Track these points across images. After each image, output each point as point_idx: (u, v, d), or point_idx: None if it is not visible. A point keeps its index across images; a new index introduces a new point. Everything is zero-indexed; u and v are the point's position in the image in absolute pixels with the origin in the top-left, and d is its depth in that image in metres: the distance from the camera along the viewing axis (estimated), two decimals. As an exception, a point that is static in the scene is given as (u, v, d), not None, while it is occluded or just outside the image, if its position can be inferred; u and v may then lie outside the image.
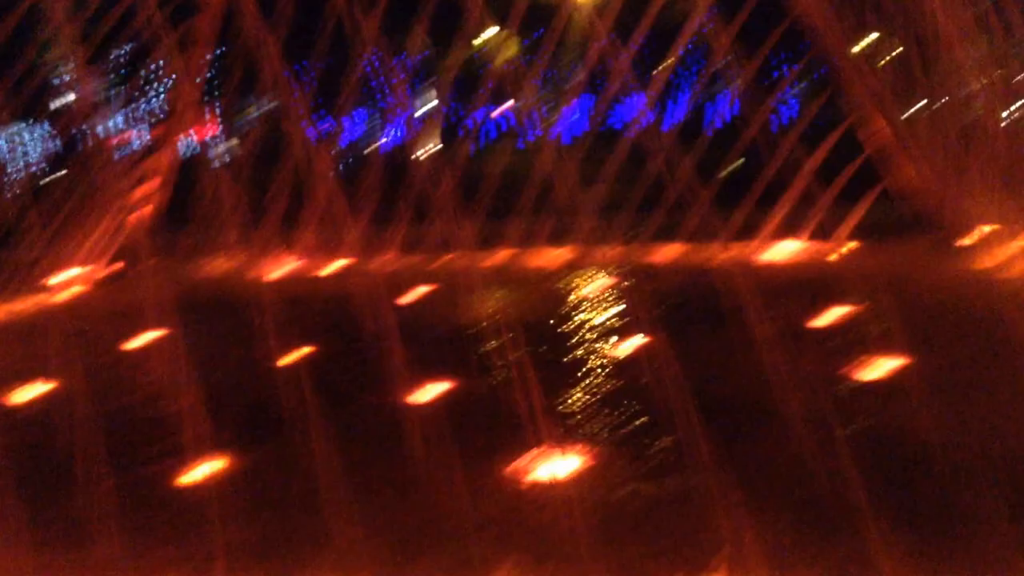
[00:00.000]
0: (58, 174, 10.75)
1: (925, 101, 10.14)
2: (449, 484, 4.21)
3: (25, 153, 20.76)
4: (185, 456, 5.16)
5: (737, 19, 9.62)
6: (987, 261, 8.95)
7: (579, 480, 4.75)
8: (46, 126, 20.40)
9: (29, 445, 4.27)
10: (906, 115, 10.15)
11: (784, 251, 9.89)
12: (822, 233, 9.85)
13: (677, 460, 4.73)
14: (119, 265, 10.25)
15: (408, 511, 4.48)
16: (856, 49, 10.16)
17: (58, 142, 12.15)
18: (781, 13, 9.82)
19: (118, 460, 4.77)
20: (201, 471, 5.07)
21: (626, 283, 9.17)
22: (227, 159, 21.66)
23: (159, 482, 4.99)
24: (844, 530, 3.81)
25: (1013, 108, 10.10)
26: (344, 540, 3.93)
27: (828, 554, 3.75)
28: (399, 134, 22.92)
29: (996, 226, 9.51)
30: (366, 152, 20.12)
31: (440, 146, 24.05)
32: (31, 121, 20.15)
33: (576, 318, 8.12)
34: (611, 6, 10.41)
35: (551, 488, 4.70)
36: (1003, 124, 9.54)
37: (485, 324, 8.05)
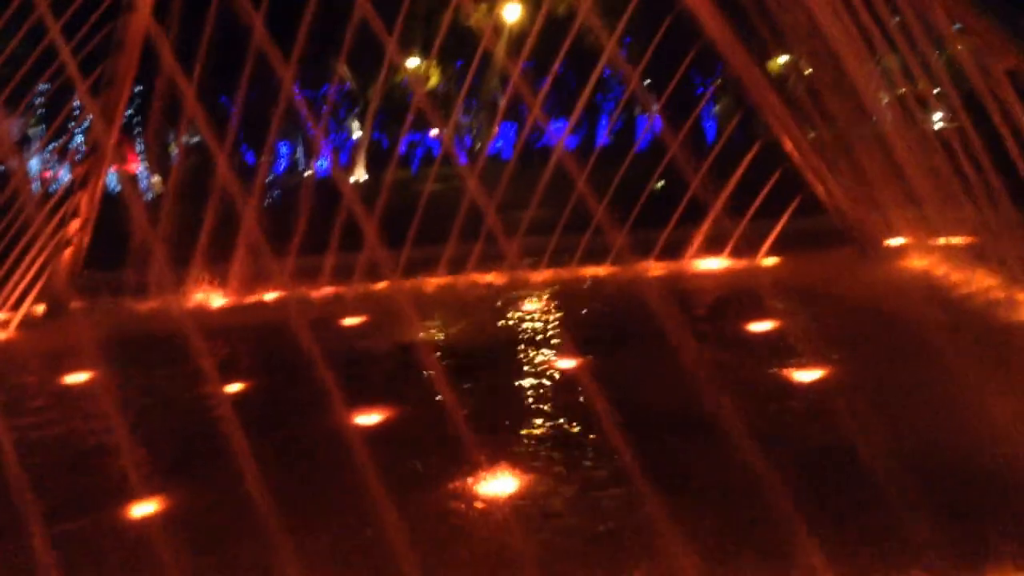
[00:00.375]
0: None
1: (833, 119, 10.52)
2: (392, 507, 4.22)
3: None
4: (124, 496, 5.12)
5: (652, 42, 9.88)
6: (903, 269, 9.35)
7: (520, 499, 4.84)
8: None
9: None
10: (814, 134, 10.54)
11: (709, 267, 10.19)
12: (744, 249, 10.17)
13: (614, 475, 4.85)
14: (42, 308, 10.05)
15: (350, 536, 4.53)
16: (766, 69, 10.51)
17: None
18: (694, 35, 10.14)
19: (56, 503, 4.67)
20: (143, 509, 5.04)
21: (558, 304, 9.32)
22: (150, 195, 21.41)
23: (103, 524, 4.94)
24: (777, 537, 3.93)
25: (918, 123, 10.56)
26: (292, 569, 3.94)
27: (761, 563, 3.89)
28: (325, 165, 22.91)
29: (907, 237, 9.95)
30: (292, 183, 20.03)
31: (366, 176, 24.14)
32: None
33: (511, 340, 8.22)
34: (529, 32, 10.62)
35: (492, 508, 4.78)
36: (906, 139, 9.96)
37: (421, 350, 8.10)
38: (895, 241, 10.08)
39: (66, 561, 4.00)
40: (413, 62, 25.33)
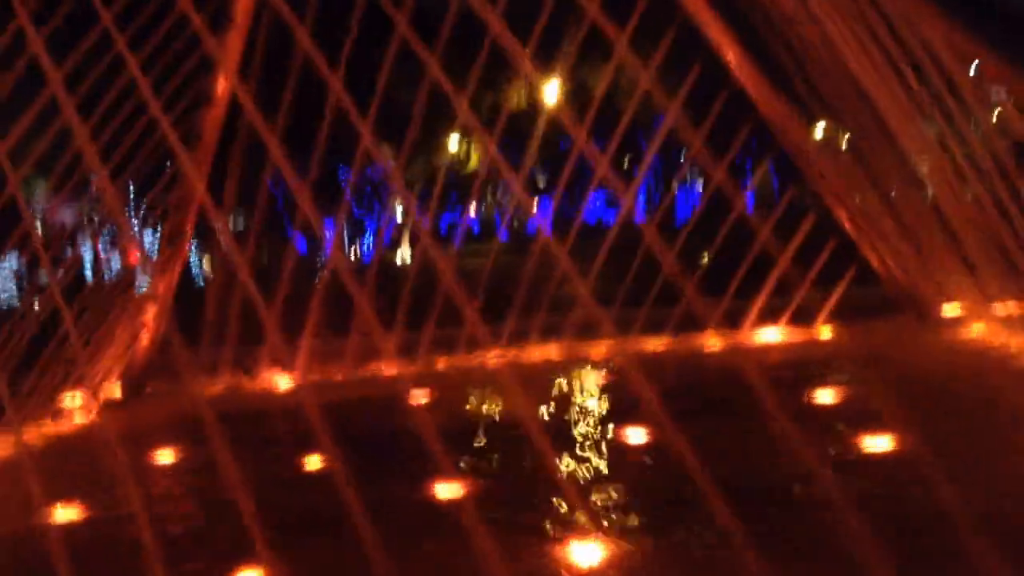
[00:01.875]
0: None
1: (881, 185, 10.78)
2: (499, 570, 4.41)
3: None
4: (230, 565, 5.38)
5: (707, 117, 10.17)
6: (962, 335, 9.51)
7: (613, 568, 5.04)
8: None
9: (73, 560, 4.41)
10: (861, 200, 10.80)
11: (770, 336, 10.42)
12: (802, 317, 10.40)
13: (700, 543, 5.04)
14: (123, 389, 10.42)
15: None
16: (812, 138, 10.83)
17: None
18: (741, 105, 10.51)
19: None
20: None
21: (623, 375, 9.55)
22: (202, 278, 21.99)
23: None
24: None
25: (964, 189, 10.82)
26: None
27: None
28: (371, 244, 23.44)
29: (963, 305, 10.12)
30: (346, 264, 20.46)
31: (410, 253, 24.64)
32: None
33: (579, 413, 8.47)
34: (573, 106, 11.03)
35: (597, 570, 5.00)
36: (956, 205, 10.19)
37: (491, 424, 8.40)
38: (951, 308, 10.24)
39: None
40: (453, 142, 25.96)
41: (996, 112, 9.12)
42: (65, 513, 6.79)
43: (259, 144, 10.03)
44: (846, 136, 11.62)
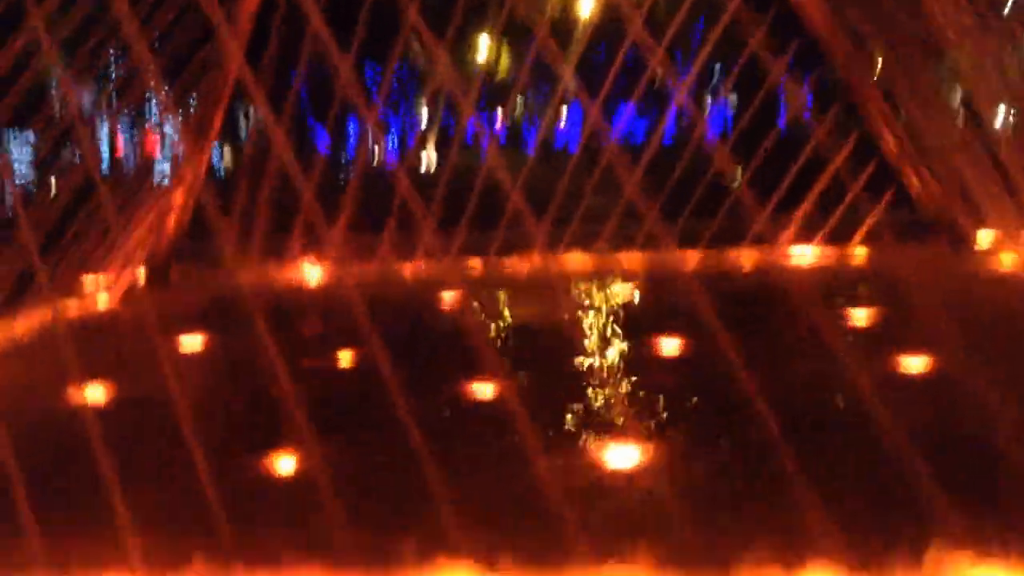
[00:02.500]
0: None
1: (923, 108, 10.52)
2: (530, 469, 4.40)
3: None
4: (262, 451, 5.43)
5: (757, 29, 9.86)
6: (996, 263, 9.39)
7: (651, 470, 5.04)
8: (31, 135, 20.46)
9: (107, 442, 4.41)
10: (907, 121, 10.56)
11: (804, 254, 10.32)
12: (837, 238, 10.29)
13: (743, 454, 5.02)
14: (147, 276, 10.41)
15: (493, 493, 4.80)
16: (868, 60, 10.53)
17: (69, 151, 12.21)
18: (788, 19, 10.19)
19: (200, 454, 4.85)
20: (284, 464, 5.34)
21: (653, 289, 9.49)
22: (223, 169, 21.88)
23: (247, 474, 5.25)
24: (912, 514, 4.05)
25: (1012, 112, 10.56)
26: (446, 520, 4.13)
27: (899, 535, 4.02)
28: (395, 145, 23.23)
29: (1000, 231, 9.97)
30: (373, 163, 20.27)
31: (435, 157, 24.42)
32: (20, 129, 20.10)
33: (613, 322, 8.44)
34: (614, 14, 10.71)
35: (628, 477, 5.00)
36: (1002, 129, 9.96)
37: (522, 328, 8.39)
38: (986, 236, 10.10)
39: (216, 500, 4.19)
40: (483, 47, 25.57)
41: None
42: (92, 394, 6.81)
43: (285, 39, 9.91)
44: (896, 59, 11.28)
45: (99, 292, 9.97)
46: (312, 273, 10.51)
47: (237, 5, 9.34)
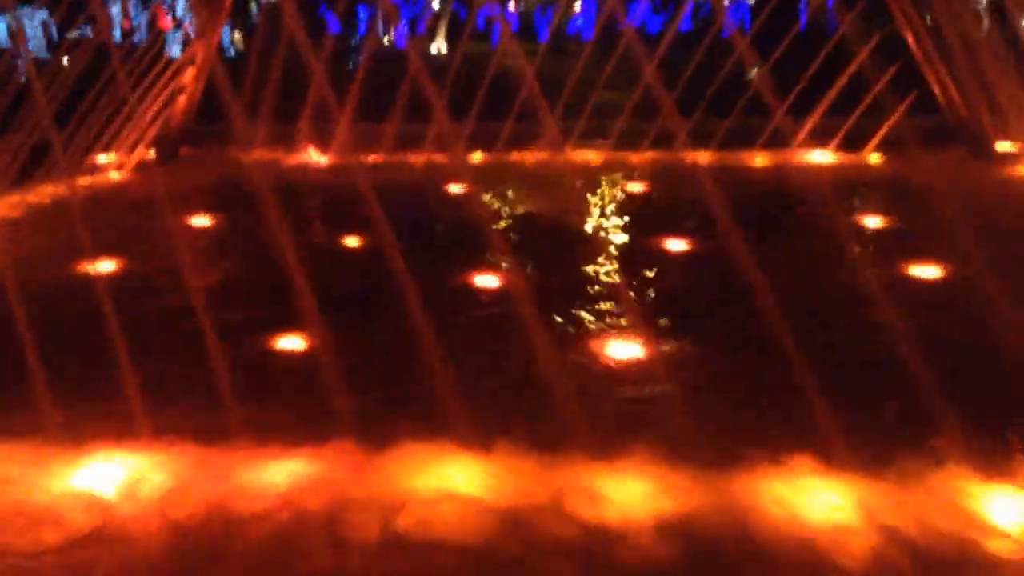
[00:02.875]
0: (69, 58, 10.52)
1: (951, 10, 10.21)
2: (537, 357, 4.41)
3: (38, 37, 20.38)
4: (271, 330, 5.47)
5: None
6: (1017, 172, 9.28)
7: (658, 362, 5.07)
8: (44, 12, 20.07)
9: (116, 312, 4.42)
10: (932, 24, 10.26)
11: (817, 158, 10.17)
12: (855, 141, 10.13)
13: (751, 349, 5.00)
14: (157, 153, 10.33)
15: (500, 381, 4.89)
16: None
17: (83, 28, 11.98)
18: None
19: (208, 329, 4.85)
20: (292, 343, 5.39)
21: (662, 187, 9.40)
22: (232, 52, 21.47)
23: (256, 350, 5.32)
24: (916, 420, 4.07)
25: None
26: (442, 404, 4.18)
27: (903, 442, 4.05)
28: (402, 32, 22.73)
29: (1021, 142, 9.82)
30: (380, 50, 19.88)
31: (444, 45, 23.93)
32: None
33: (618, 217, 8.39)
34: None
35: (635, 367, 5.05)
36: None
37: (529, 220, 8.35)
38: (1008, 144, 9.95)
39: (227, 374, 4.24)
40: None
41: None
42: (102, 266, 6.84)
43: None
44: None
45: (110, 167, 9.93)
46: (319, 158, 10.41)
47: None
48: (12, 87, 8.78)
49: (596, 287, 6.40)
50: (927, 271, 6.58)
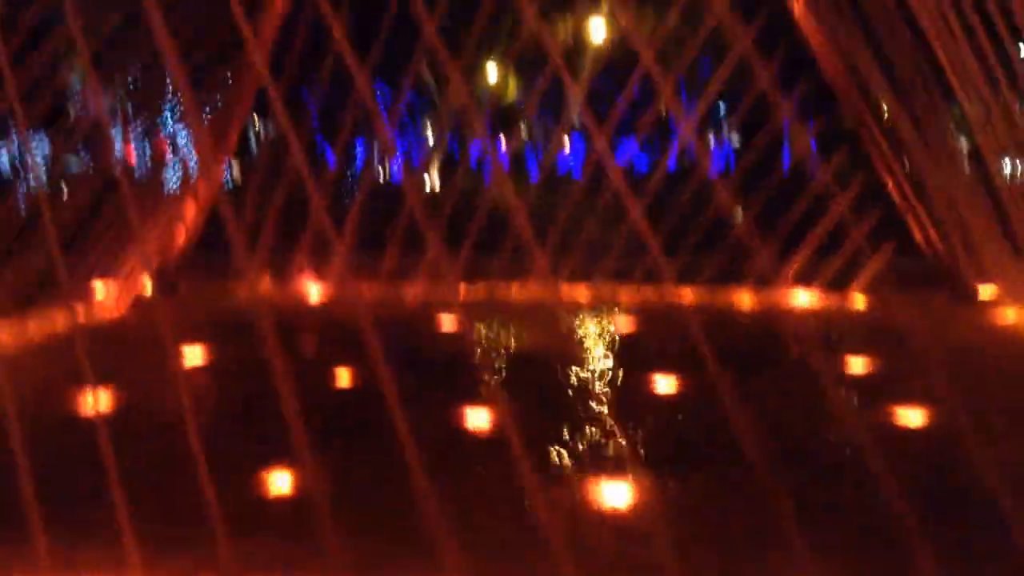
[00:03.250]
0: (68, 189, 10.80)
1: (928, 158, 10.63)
2: (524, 503, 4.45)
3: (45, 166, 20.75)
4: (261, 465, 5.49)
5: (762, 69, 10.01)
6: (998, 318, 9.49)
7: (646, 508, 5.10)
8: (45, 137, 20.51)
9: (110, 448, 4.46)
10: (912, 170, 10.68)
11: (803, 299, 10.41)
12: (838, 284, 10.38)
13: (735, 494, 5.07)
14: (155, 286, 10.49)
15: (491, 526, 4.86)
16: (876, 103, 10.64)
17: (80, 156, 12.32)
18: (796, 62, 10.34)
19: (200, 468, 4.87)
20: (283, 479, 5.41)
21: (651, 324, 9.57)
22: (231, 184, 21.98)
23: (245, 486, 5.33)
24: (900, 562, 4.10)
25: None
26: (440, 547, 4.18)
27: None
28: (399, 166, 23.37)
29: (1001, 286, 10.06)
30: (377, 183, 20.41)
31: (437, 181, 24.59)
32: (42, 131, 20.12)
33: (610, 355, 8.52)
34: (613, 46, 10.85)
35: (621, 515, 5.07)
36: (1007, 183, 10.06)
37: (520, 357, 8.47)
38: (989, 290, 10.20)
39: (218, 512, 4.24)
40: (491, 72, 25.74)
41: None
42: (98, 401, 6.85)
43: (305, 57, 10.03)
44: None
45: (108, 299, 10.06)
46: (316, 290, 10.60)
47: (262, 18, 9.51)
48: (14, 218, 9.00)
49: (585, 425, 6.47)
50: (909, 415, 6.67)
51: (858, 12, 9.38)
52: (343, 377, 7.64)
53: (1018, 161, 9.93)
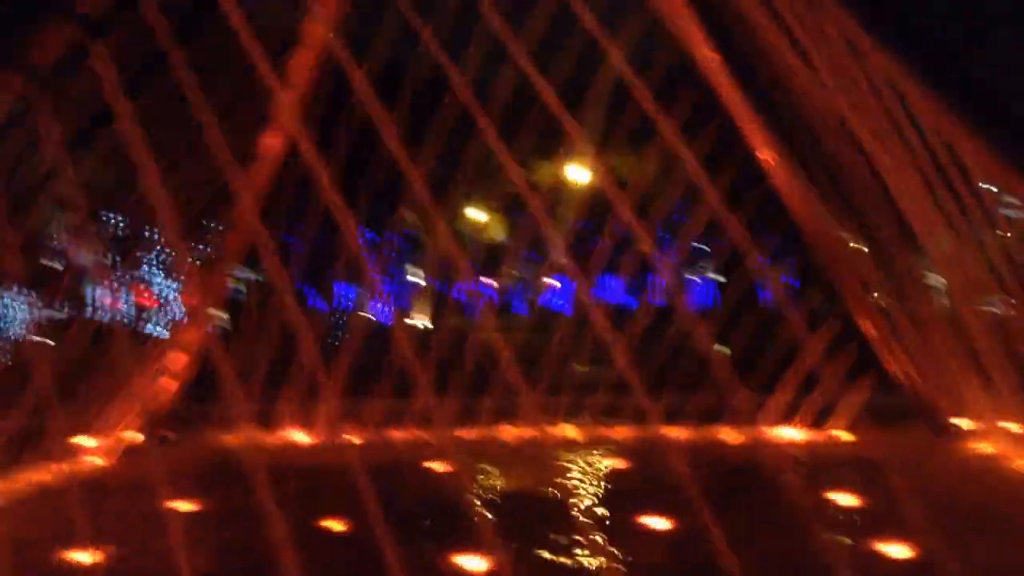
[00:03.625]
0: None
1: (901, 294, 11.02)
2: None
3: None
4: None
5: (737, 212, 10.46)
6: (976, 453, 9.68)
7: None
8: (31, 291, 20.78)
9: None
10: (885, 307, 11.03)
11: (788, 435, 10.60)
12: (821, 419, 10.59)
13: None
14: (143, 435, 10.58)
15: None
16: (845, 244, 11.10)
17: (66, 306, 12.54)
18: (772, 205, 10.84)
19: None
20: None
21: (641, 463, 9.70)
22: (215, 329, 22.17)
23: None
24: None
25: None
26: None
27: None
28: (389, 309, 23.67)
29: (978, 421, 10.29)
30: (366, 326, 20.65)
31: (428, 322, 24.85)
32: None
33: (601, 495, 8.62)
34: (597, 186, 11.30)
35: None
36: (976, 318, 10.40)
37: (510, 499, 8.55)
38: (966, 422, 10.41)
39: None
40: (477, 213, 26.37)
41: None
42: (87, 556, 6.89)
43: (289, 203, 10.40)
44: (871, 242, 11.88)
45: (93, 451, 10.10)
46: (304, 439, 10.70)
47: (253, 168, 9.93)
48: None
49: (578, 564, 6.54)
50: (890, 549, 6.77)
51: (826, 165, 9.89)
52: (332, 525, 7.68)
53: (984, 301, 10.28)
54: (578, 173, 22.23)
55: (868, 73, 8.55)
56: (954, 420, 10.41)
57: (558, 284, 25.53)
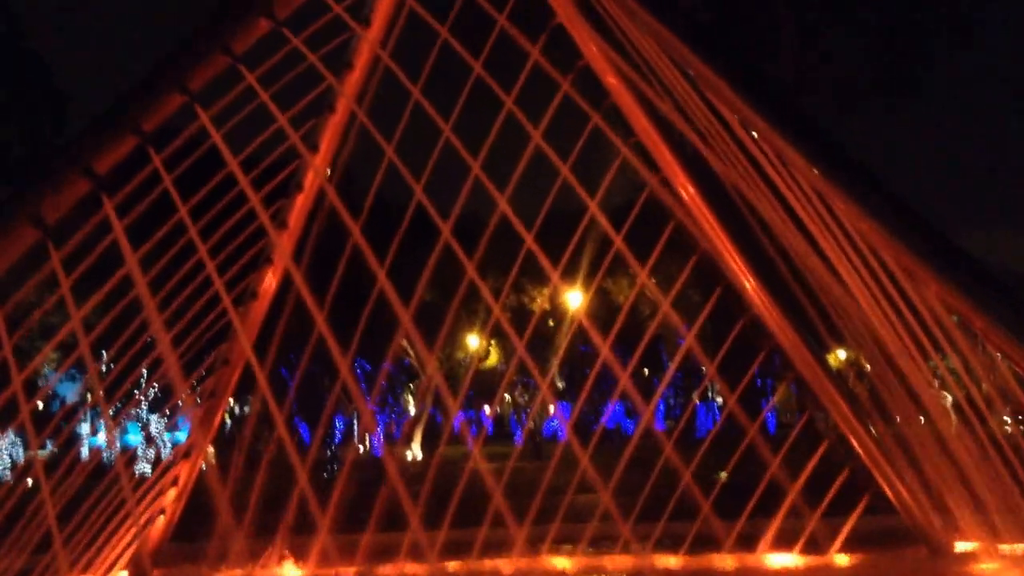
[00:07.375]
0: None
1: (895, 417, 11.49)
2: None
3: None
4: None
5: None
6: (978, 571, 10.00)
7: None
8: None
9: None
10: (877, 431, 11.49)
11: (783, 562, 10.92)
12: (812, 544, 10.91)
13: None
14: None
15: None
16: (830, 368, 11.64)
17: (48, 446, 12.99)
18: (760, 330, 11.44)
19: None
20: None
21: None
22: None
23: None
24: None
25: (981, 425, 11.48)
26: None
27: None
28: (379, 440, 24.05)
29: (974, 541, 10.63)
30: (356, 458, 21.03)
31: (419, 450, 25.24)
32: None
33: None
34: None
35: None
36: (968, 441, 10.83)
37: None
38: (964, 545, 10.74)
39: None
40: (473, 340, 27.01)
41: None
42: None
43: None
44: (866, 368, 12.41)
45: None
46: (296, 573, 10.99)
47: (250, 306, 10.55)
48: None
49: None
50: None
51: (805, 288, 10.53)
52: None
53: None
54: (575, 297, 23.01)
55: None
56: (957, 541, 10.75)
57: (553, 410, 26.05)
